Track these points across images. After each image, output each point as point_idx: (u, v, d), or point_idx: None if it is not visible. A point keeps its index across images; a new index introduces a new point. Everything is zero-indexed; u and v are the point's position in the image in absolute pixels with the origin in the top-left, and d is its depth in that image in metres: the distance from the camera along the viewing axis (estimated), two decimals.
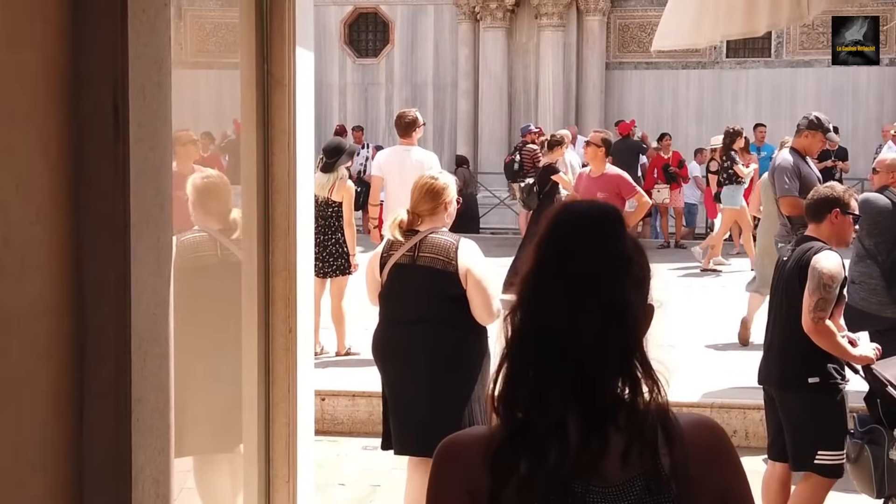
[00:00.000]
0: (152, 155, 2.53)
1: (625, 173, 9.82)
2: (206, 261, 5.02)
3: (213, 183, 5.18)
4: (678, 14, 5.03)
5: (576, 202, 2.06)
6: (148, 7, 2.49)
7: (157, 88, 2.56)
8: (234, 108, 4.58)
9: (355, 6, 24.17)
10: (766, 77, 22.94)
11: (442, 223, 5.29)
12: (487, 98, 22.45)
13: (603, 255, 1.90)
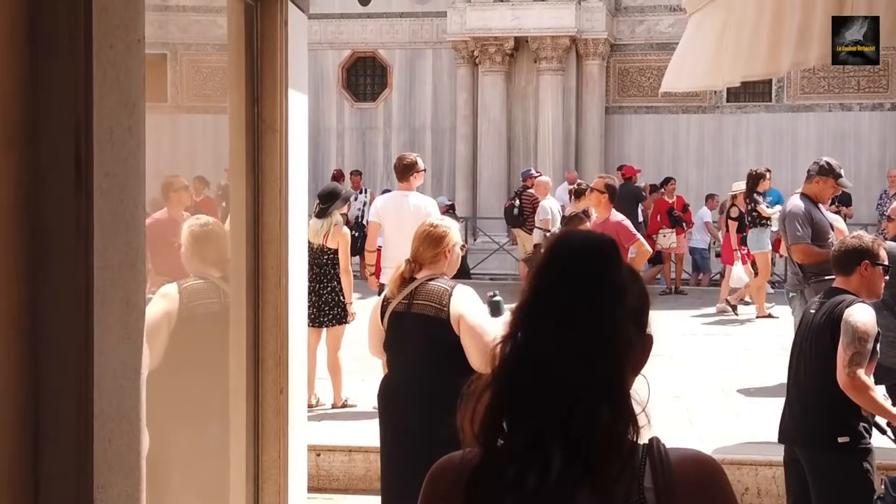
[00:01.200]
0: (122, 208, 2.25)
1: (626, 220, 9.54)
2: (209, 308, 4.73)
3: (210, 230, 4.90)
4: (691, 55, 4.78)
5: (573, 232, 2.06)
6: (117, 42, 2.22)
7: (128, 134, 2.28)
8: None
9: (353, 50, 24.05)
10: (767, 121, 22.78)
11: (443, 270, 5.04)
12: (486, 142, 22.26)
13: (595, 283, 1.90)
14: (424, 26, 23.69)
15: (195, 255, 4.75)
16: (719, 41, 3.97)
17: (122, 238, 2.25)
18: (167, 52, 4.43)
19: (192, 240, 4.78)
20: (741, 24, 3.62)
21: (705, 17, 4.38)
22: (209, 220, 5.05)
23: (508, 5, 21.76)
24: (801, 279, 8.18)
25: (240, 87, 4.05)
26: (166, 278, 4.76)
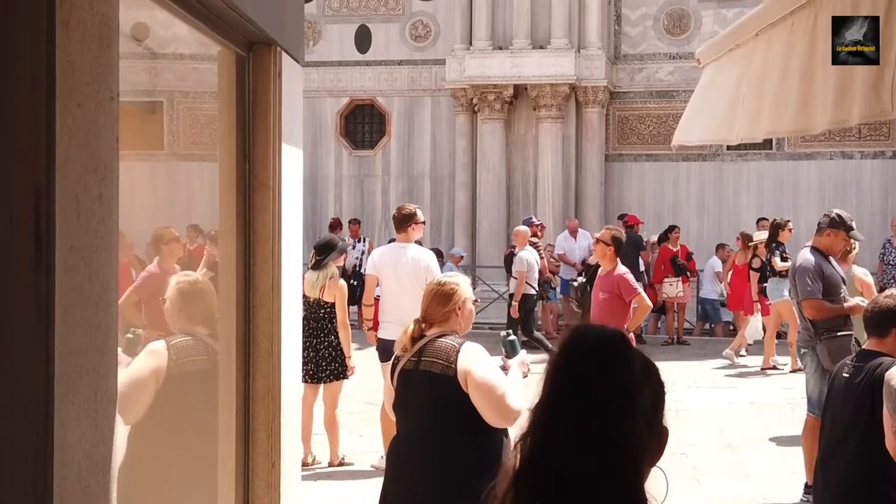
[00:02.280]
0: (89, 285, 2.01)
1: (628, 273, 9.31)
2: (198, 365, 4.48)
3: (198, 287, 4.66)
4: (705, 108, 4.55)
5: (584, 328, 2.09)
6: (86, 100, 1.98)
7: (97, 201, 2.04)
8: None
9: (351, 98, 23.95)
10: (768, 169, 22.62)
11: (454, 328, 4.85)
12: (486, 190, 22.07)
13: (609, 387, 1.94)
14: (423, 74, 23.60)
15: (182, 312, 4.51)
16: (735, 94, 3.75)
17: (89, 319, 2.00)
18: (163, 99, 4.21)
19: (179, 296, 4.54)
20: (762, 77, 3.41)
21: (720, 69, 4.17)
22: (197, 276, 4.80)
23: (507, 53, 21.68)
24: (813, 335, 7.93)
25: (231, 142, 3.82)
26: (161, 334, 4.53)
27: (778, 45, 3.27)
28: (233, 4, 3.32)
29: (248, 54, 3.81)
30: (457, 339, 4.78)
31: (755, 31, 3.56)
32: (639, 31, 22.99)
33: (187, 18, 3.26)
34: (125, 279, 4.37)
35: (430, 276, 9.24)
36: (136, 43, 3.42)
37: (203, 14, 3.32)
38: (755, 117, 3.49)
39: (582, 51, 21.81)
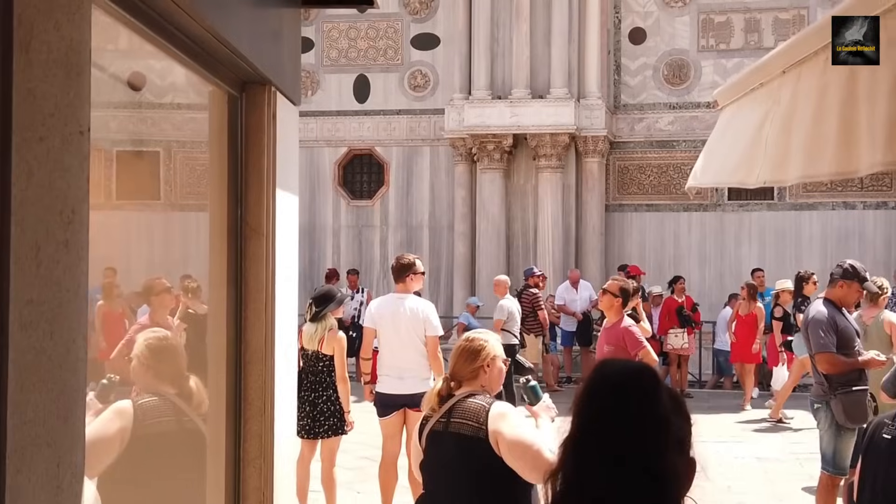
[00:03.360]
0: (51, 345, 1.76)
1: (634, 326, 9.06)
2: (165, 427, 4.20)
3: (167, 344, 4.40)
4: (722, 150, 4.31)
5: (611, 362, 2.13)
6: (50, 134, 1.75)
7: (63, 249, 1.80)
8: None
9: (350, 147, 23.80)
10: (770, 220, 22.43)
11: (483, 386, 4.68)
12: (485, 240, 21.85)
13: (639, 419, 1.95)
14: (422, 123, 23.48)
15: (150, 371, 4.26)
16: (757, 135, 3.53)
17: (50, 383, 1.75)
18: (160, 149, 3.99)
19: (147, 353, 4.28)
20: (790, 116, 3.18)
21: (740, 109, 3.95)
22: (166, 333, 4.54)
23: (507, 102, 21.56)
24: (827, 390, 7.68)
25: (222, 187, 3.59)
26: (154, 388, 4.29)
27: (809, 81, 3.05)
28: (225, 41, 3.10)
29: (240, 94, 3.59)
30: (487, 398, 4.62)
31: (781, 68, 3.35)
32: (638, 81, 22.91)
33: (176, 55, 3.04)
34: (119, 332, 4.11)
35: (429, 327, 9.03)
36: (134, 92, 3.21)
37: (193, 51, 3.10)
38: (781, 159, 3.27)
39: (582, 100, 21.70)
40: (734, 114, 4.08)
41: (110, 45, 2.72)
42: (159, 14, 2.72)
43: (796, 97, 3.11)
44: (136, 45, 2.78)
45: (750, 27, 22.35)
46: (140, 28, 2.70)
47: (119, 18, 2.49)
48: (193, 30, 2.89)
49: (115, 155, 3.17)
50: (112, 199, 3.29)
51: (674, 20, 22.66)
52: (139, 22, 2.66)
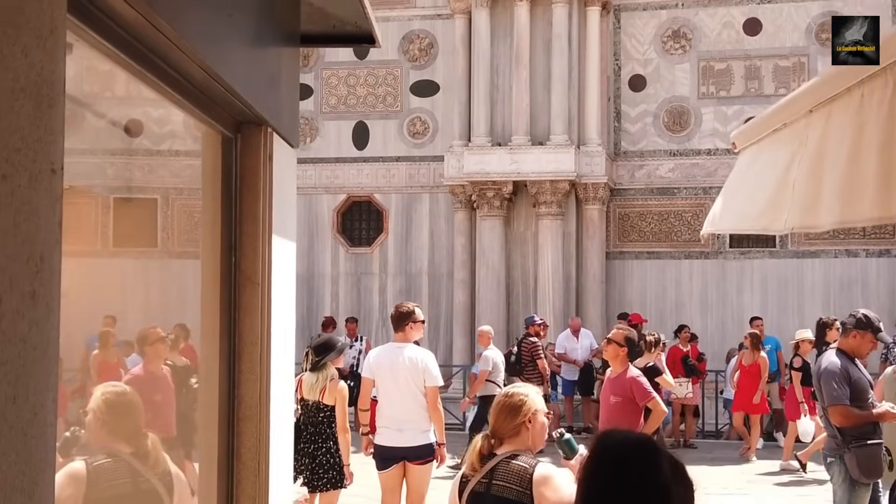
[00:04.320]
0: (15, 409, 1.55)
1: (641, 375, 8.87)
2: (118, 490, 3.95)
3: (127, 399, 4.16)
4: (743, 194, 4.10)
5: (612, 434, 2.21)
6: (14, 172, 1.55)
7: (29, 301, 1.59)
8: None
9: (349, 194, 23.68)
10: (772, 267, 22.27)
11: (526, 444, 4.50)
12: (485, 288, 21.66)
13: (642, 491, 2.04)
14: (421, 170, 23.38)
15: (105, 427, 4.01)
16: (783, 178, 3.33)
17: (13, 455, 1.54)
18: (158, 196, 3.80)
19: (105, 408, 4.03)
20: (820, 158, 2.99)
21: (761, 151, 3.76)
22: (126, 388, 4.30)
23: (507, 149, 21.47)
24: (840, 443, 7.45)
25: (215, 232, 3.39)
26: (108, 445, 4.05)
27: (842, 120, 2.87)
28: (219, 78, 2.92)
29: (235, 135, 3.40)
30: (530, 458, 4.46)
31: (808, 107, 3.17)
32: (639, 128, 22.84)
33: (166, 92, 2.85)
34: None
35: (428, 377, 8.82)
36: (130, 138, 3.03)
37: (185, 88, 2.92)
38: (811, 204, 3.08)
39: (582, 147, 21.63)
40: (755, 156, 3.89)
41: (95, 83, 2.53)
42: (148, 48, 2.54)
43: (826, 137, 2.93)
44: (120, 80, 2.60)
45: (750, 74, 22.31)
46: (127, 62, 2.51)
47: (103, 51, 2.31)
48: (185, 66, 2.71)
49: (103, 201, 2.99)
50: (109, 245, 3.12)
51: (674, 67, 22.63)
52: (126, 56, 2.47)
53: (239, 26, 3.10)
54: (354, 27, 4.08)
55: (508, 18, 21.75)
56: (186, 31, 2.54)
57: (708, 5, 22.46)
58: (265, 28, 3.47)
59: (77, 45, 2.26)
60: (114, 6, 2.19)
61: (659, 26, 22.67)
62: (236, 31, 3.08)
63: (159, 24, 2.36)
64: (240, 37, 3.12)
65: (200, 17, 2.70)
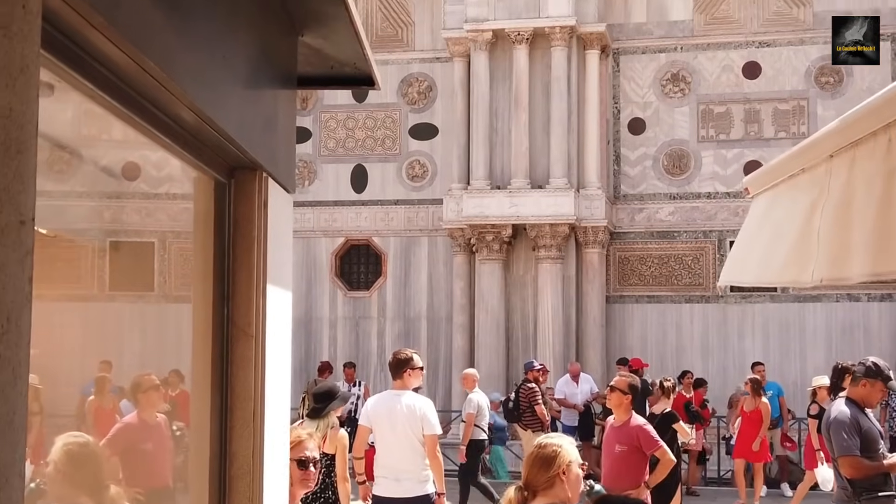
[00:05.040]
0: None
1: (647, 424, 8.69)
2: None
3: (89, 450, 3.97)
4: (761, 243, 3.93)
5: (610, 498, 2.31)
6: None
7: None
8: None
9: (347, 238, 23.57)
10: (773, 312, 22.11)
11: (561, 497, 4.35)
12: (484, 332, 21.48)
13: None
14: (420, 213, 23.28)
15: (66, 480, 3.82)
16: (805, 227, 3.18)
17: None
18: (155, 240, 3.65)
19: (65, 459, 3.84)
20: (846, 205, 2.85)
21: (777, 198, 3.62)
22: (88, 439, 4.11)
23: (506, 192, 21.39)
24: (851, 495, 7.26)
25: (206, 282, 3.24)
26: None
27: (868, 166, 2.73)
28: (210, 121, 2.78)
29: (228, 180, 3.26)
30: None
31: (828, 152, 3.03)
32: (638, 171, 22.78)
33: (155, 136, 2.71)
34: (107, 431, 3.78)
35: (426, 426, 8.65)
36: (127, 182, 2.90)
37: (175, 132, 2.77)
38: (840, 255, 2.92)
39: (581, 190, 21.55)
40: (771, 203, 3.74)
41: (78, 124, 2.39)
42: (135, 89, 2.39)
43: (852, 184, 2.79)
44: (106, 123, 2.46)
45: (750, 117, 22.27)
46: (112, 105, 2.37)
47: (84, 91, 2.17)
48: (175, 108, 2.57)
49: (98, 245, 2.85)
50: (105, 289, 2.97)
51: (673, 111, 22.60)
52: (112, 98, 2.33)
53: (233, 68, 2.97)
54: (353, 69, 3.95)
55: (507, 61, 21.75)
56: (177, 72, 2.40)
57: (707, 49, 22.46)
58: (261, 70, 3.34)
59: (59, 87, 2.12)
60: (97, 45, 2.05)
61: (658, 69, 22.66)
62: (230, 74, 2.95)
63: (148, 65, 2.22)
64: (234, 79, 2.98)
65: (192, 58, 2.56)
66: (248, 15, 3.11)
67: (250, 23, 3.14)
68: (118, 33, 2.00)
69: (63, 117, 2.26)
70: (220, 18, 2.78)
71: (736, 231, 21.85)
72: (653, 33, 22.67)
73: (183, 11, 2.41)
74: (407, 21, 23.56)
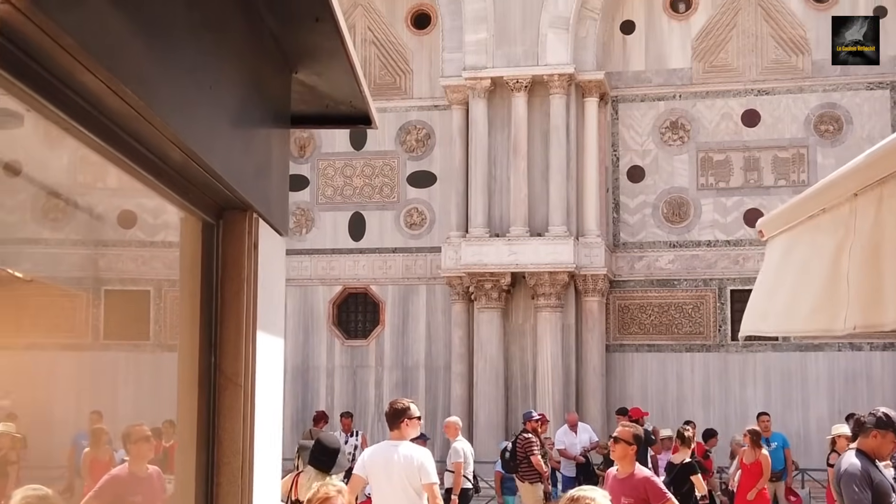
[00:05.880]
0: None
1: (653, 475, 8.47)
2: None
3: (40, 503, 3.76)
4: (784, 289, 3.72)
5: None
6: None
7: None
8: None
9: (345, 286, 23.40)
10: (775, 361, 21.89)
11: None
12: (483, 381, 21.25)
13: None
14: (418, 261, 23.13)
15: None
16: (832, 270, 3.00)
17: None
18: (150, 288, 3.49)
19: None
20: (877, 246, 2.67)
21: (796, 241, 3.43)
22: (48, 491, 3.89)
23: (505, 240, 21.26)
24: None
25: (193, 327, 3.06)
26: None
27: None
28: (196, 156, 2.62)
29: (217, 221, 3.09)
30: None
31: (852, 190, 2.87)
32: (638, 219, 22.66)
33: (138, 174, 2.54)
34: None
35: (424, 475, 8.46)
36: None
37: (159, 169, 2.61)
38: (874, 299, 2.75)
39: (581, 238, 21.43)
40: (789, 247, 3.56)
41: (50, 159, 2.22)
42: (112, 119, 2.23)
43: (881, 223, 2.62)
44: (83, 159, 2.29)
45: (749, 165, 22.20)
46: (90, 139, 2.20)
47: (56, 121, 2.00)
48: (156, 141, 2.40)
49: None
50: (100, 338, 2.81)
51: (672, 158, 22.53)
52: (89, 132, 2.16)
53: (221, 101, 2.81)
54: (349, 107, 3.80)
55: (506, 109, 21.72)
56: (157, 101, 2.23)
57: (706, 97, 22.43)
58: (251, 105, 3.18)
59: (30, 117, 1.95)
60: (66, 68, 1.89)
61: (657, 117, 22.62)
62: (218, 107, 2.78)
63: (123, 91, 2.05)
64: (222, 112, 2.82)
65: (175, 87, 2.40)
66: (237, 46, 2.95)
67: (240, 55, 2.98)
68: (88, 55, 1.84)
69: (31, 146, 2.09)
70: (207, 47, 2.63)
71: (737, 279, 21.83)
72: (651, 81, 22.65)
73: (163, 36, 2.25)
74: (405, 69, 23.55)
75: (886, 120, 21.47)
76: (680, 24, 22.69)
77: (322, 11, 2.93)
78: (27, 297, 2.31)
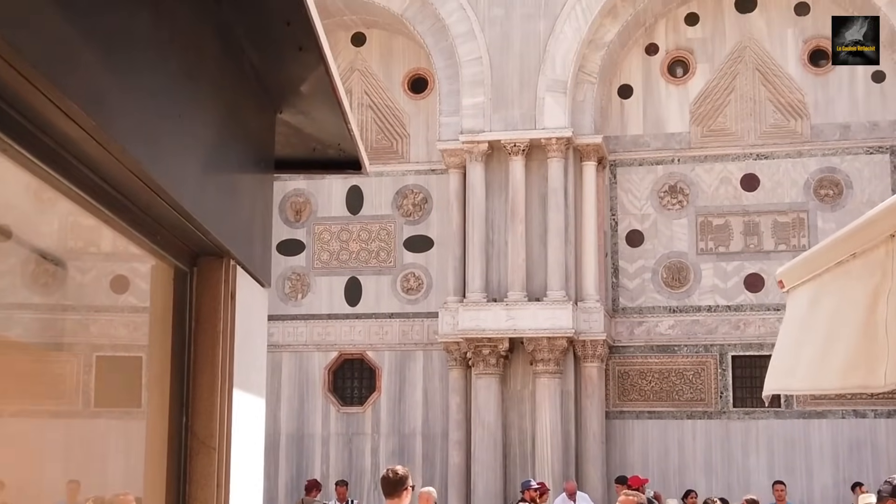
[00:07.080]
0: None
1: None
2: None
3: None
4: (812, 343, 3.41)
5: None
6: None
7: None
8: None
9: (340, 352, 23.08)
10: (778, 428, 21.51)
11: None
12: (481, 449, 20.85)
13: None
14: (415, 327, 22.83)
15: None
16: (867, 320, 2.73)
17: None
18: (143, 354, 3.22)
19: None
20: None
21: (823, 290, 3.16)
22: None
23: (503, 305, 20.99)
24: None
25: (162, 385, 2.79)
26: None
27: None
28: (168, 198, 2.36)
29: (190, 269, 2.83)
30: None
31: (888, 231, 2.62)
32: (637, 284, 22.41)
33: (103, 215, 2.29)
34: None
35: None
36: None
37: (125, 210, 2.35)
38: None
39: (580, 303, 21.18)
40: (816, 297, 3.27)
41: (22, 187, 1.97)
42: (81, 160, 1.97)
43: None
44: (43, 198, 2.03)
45: (749, 230, 22.01)
46: (51, 176, 1.95)
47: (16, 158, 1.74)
48: (113, 171, 2.14)
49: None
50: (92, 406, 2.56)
51: (671, 223, 22.34)
52: (49, 168, 1.91)
53: (193, 134, 2.56)
54: (338, 150, 3.56)
55: (503, 173, 21.58)
56: (113, 124, 1.98)
57: (704, 161, 22.31)
58: (230, 142, 2.94)
59: None
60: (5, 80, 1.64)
61: (655, 181, 22.47)
62: (189, 140, 2.54)
63: (72, 110, 1.80)
64: (194, 146, 2.57)
65: (135, 111, 2.14)
66: (211, 74, 2.71)
67: (215, 84, 2.74)
68: (27, 63, 1.59)
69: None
70: (175, 70, 2.38)
71: (738, 345, 21.52)
72: (650, 145, 22.54)
73: (120, 52, 2.00)
74: (402, 133, 23.45)
75: (887, 184, 21.34)
76: (678, 89, 22.63)
77: (306, 40, 2.69)
78: None
